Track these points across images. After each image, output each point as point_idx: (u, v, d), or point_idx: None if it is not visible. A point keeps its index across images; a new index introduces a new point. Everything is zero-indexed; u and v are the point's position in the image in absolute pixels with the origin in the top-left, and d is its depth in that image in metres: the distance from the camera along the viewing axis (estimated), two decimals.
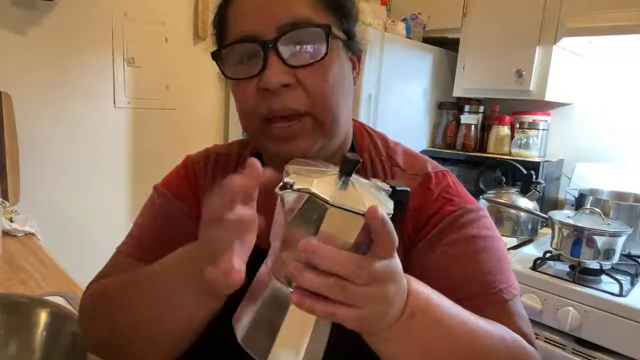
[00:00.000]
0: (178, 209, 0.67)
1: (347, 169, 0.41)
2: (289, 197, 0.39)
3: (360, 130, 0.68)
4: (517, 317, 0.56)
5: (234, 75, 0.57)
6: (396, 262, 0.41)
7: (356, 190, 0.40)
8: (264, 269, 0.45)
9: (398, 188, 0.44)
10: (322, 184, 0.39)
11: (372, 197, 0.40)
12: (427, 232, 0.58)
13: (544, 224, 1.73)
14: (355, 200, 0.38)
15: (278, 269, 0.41)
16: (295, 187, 0.39)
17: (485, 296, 0.55)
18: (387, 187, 0.44)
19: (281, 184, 0.39)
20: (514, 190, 1.70)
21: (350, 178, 0.41)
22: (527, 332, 0.55)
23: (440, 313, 0.45)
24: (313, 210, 0.38)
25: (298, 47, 0.54)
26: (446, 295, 0.48)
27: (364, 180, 0.44)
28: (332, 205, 0.37)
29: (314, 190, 0.38)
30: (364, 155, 0.65)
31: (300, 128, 0.55)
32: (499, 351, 0.49)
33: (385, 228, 0.37)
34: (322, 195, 0.38)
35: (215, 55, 0.58)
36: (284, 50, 0.53)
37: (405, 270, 0.44)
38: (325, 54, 0.54)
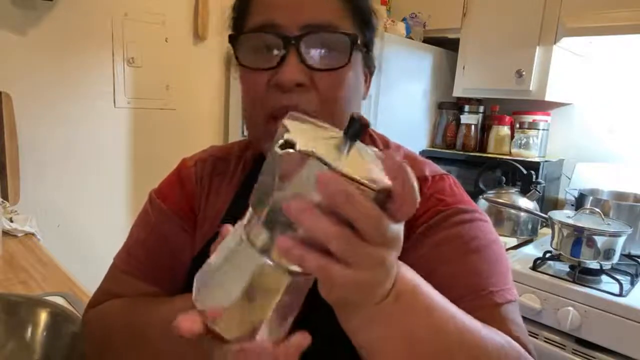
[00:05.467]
0: (171, 222, 0.65)
1: (354, 131, 0.35)
2: (288, 158, 0.33)
3: None
4: (511, 323, 0.51)
5: (248, 63, 0.56)
6: (402, 228, 0.37)
7: (362, 159, 0.35)
8: (235, 230, 0.40)
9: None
10: (327, 146, 0.34)
11: (378, 168, 0.35)
12: (415, 229, 0.57)
13: (544, 224, 1.73)
14: (363, 169, 0.33)
15: (255, 235, 0.36)
16: (298, 147, 0.32)
17: (473, 298, 0.51)
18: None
19: (281, 141, 0.33)
20: (514, 190, 1.70)
21: (356, 143, 0.36)
22: (523, 338, 0.50)
23: (427, 303, 0.41)
24: (315, 176, 0.32)
25: (320, 50, 0.53)
26: None
27: (367, 147, 0.38)
28: (342, 175, 0.32)
29: (319, 153, 0.32)
30: None
31: None
32: (491, 351, 0.44)
33: (413, 192, 0.33)
34: (331, 162, 0.32)
35: (232, 39, 0.56)
36: (306, 49, 0.52)
37: None
38: (347, 63, 0.54)
